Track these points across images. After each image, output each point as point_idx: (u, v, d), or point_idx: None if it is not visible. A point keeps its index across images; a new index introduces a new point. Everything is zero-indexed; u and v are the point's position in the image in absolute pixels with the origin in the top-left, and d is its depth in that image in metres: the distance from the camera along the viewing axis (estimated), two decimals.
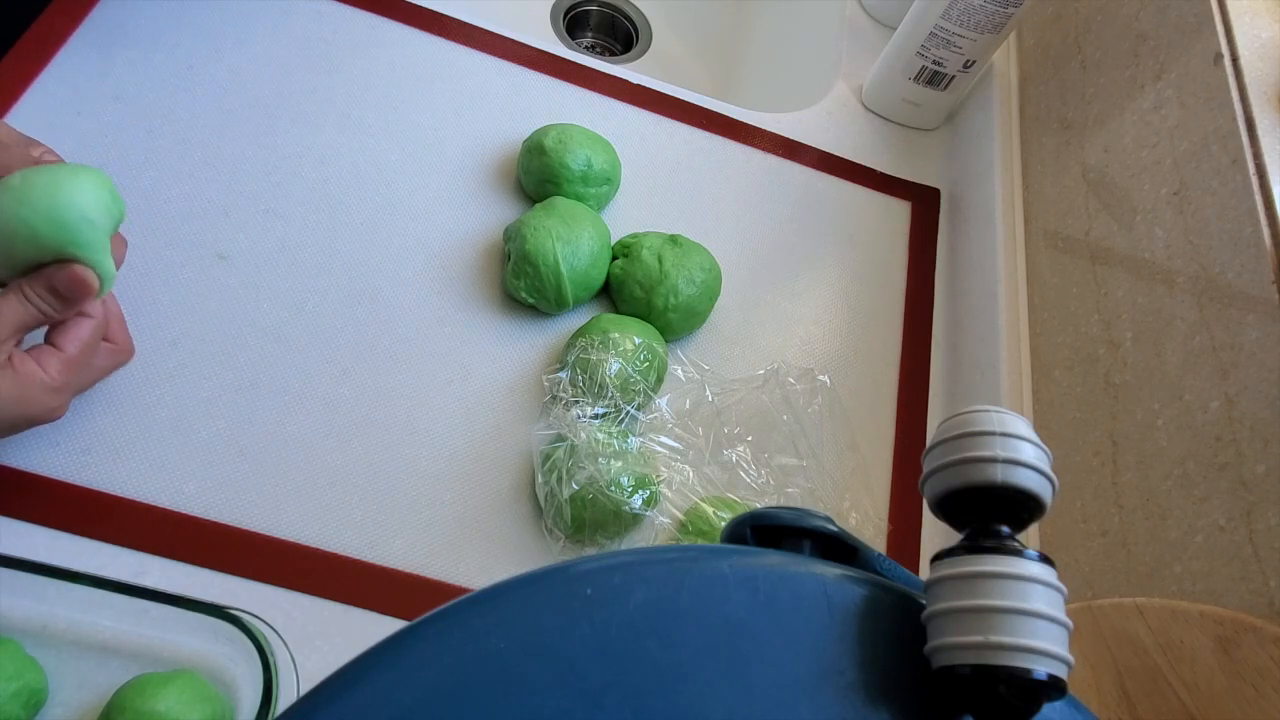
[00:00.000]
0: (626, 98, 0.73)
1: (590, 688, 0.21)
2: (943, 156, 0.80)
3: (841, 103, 0.80)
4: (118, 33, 0.62)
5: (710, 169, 0.72)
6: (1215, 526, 0.44)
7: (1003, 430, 0.24)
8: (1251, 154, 0.49)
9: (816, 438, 0.59)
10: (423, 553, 0.52)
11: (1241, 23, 0.54)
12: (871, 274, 0.72)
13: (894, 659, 0.23)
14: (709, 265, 0.62)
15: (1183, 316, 0.51)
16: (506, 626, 0.22)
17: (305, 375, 0.55)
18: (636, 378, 0.55)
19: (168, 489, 0.50)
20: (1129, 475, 0.51)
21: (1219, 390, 0.46)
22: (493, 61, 0.71)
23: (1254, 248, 0.47)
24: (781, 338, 0.66)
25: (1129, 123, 0.61)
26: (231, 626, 0.43)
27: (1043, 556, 0.22)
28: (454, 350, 0.59)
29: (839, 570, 0.26)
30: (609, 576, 0.24)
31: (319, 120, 0.64)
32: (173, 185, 0.58)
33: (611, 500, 0.51)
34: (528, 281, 0.58)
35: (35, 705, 0.42)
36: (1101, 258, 0.59)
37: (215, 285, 0.56)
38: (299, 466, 0.52)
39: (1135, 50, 0.62)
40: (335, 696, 0.22)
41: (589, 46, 1.04)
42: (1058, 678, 0.21)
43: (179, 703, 0.41)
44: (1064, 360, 0.60)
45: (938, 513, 0.25)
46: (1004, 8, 0.67)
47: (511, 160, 0.66)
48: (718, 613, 0.23)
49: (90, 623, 0.44)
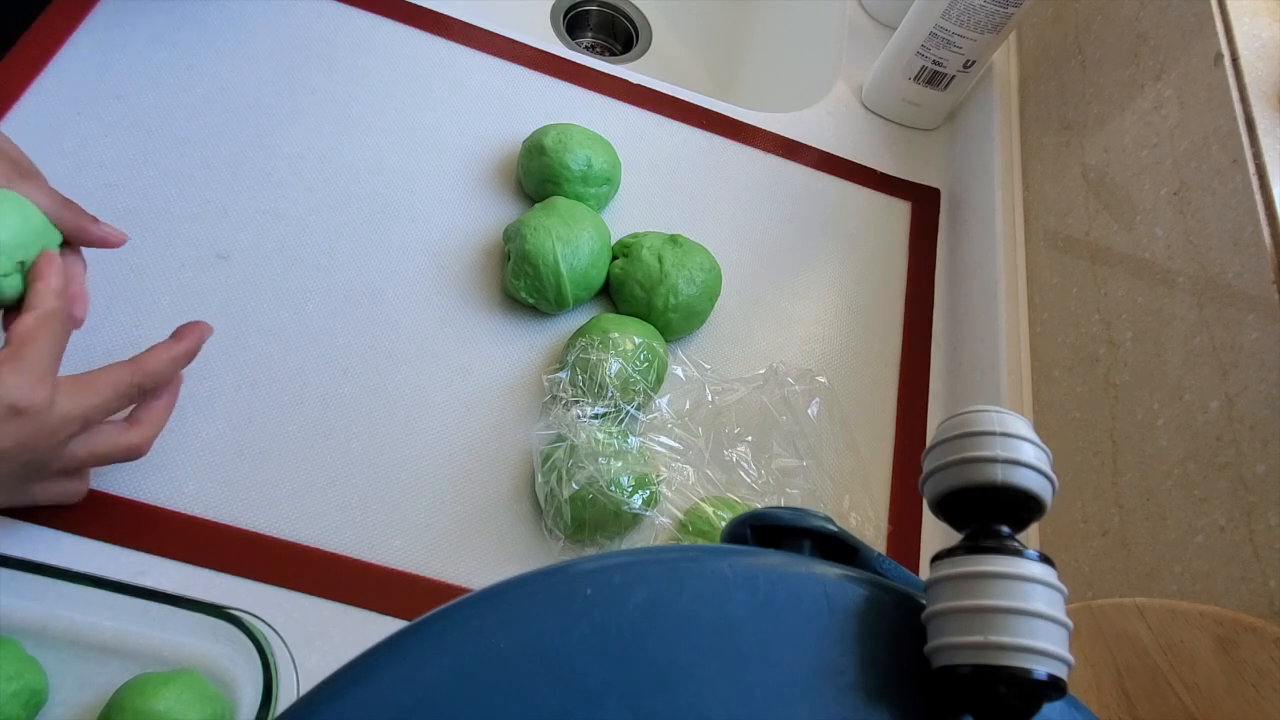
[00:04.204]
0: (626, 98, 0.73)
1: (590, 688, 0.21)
2: (943, 156, 0.80)
3: (841, 103, 0.80)
4: (118, 33, 0.62)
5: (710, 169, 0.72)
6: (1215, 526, 0.44)
7: (1003, 430, 0.24)
8: (1251, 154, 0.49)
9: (816, 438, 0.59)
10: (423, 553, 0.52)
11: (1241, 23, 0.54)
12: (871, 274, 0.72)
13: (894, 659, 0.23)
14: (709, 265, 0.62)
15: (1183, 316, 0.51)
16: (506, 626, 0.22)
17: (305, 375, 0.55)
18: (636, 378, 0.55)
19: (168, 489, 0.50)
20: (1129, 475, 0.51)
21: (1219, 390, 0.46)
22: (493, 61, 0.71)
23: (1254, 248, 0.47)
24: (781, 338, 0.66)
25: (1129, 123, 0.61)
26: (231, 626, 0.43)
27: (1043, 556, 0.22)
28: (454, 350, 0.59)
29: (839, 570, 0.26)
30: (609, 576, 0.24)
31: (319, 120, 0.64)
32: (173, 185, 0.58)
33: (611, 500, 0.51)
34: (528, 281, 0.58)
35: (35, 705, 0.42)
36: (1101, 258, 0.59)
37: (215, 285, 0.56)
38: (299, 466, 0.52)
39: (1135, 50, 0.62)
40: (335, 696, 0.22)
41: (589, 46, 1.04)
42: (1058, 678, 0.21)
43: (179, 703, 0.41)
44: (1064, 360, 0.60)
45: (938, 513, 0.25)
46: (1004, 8, 0.67)
47: (511, 160, 0.66)
48: (718, 613, 0.23)
49: (90, 623, 0.44)
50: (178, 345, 0.46)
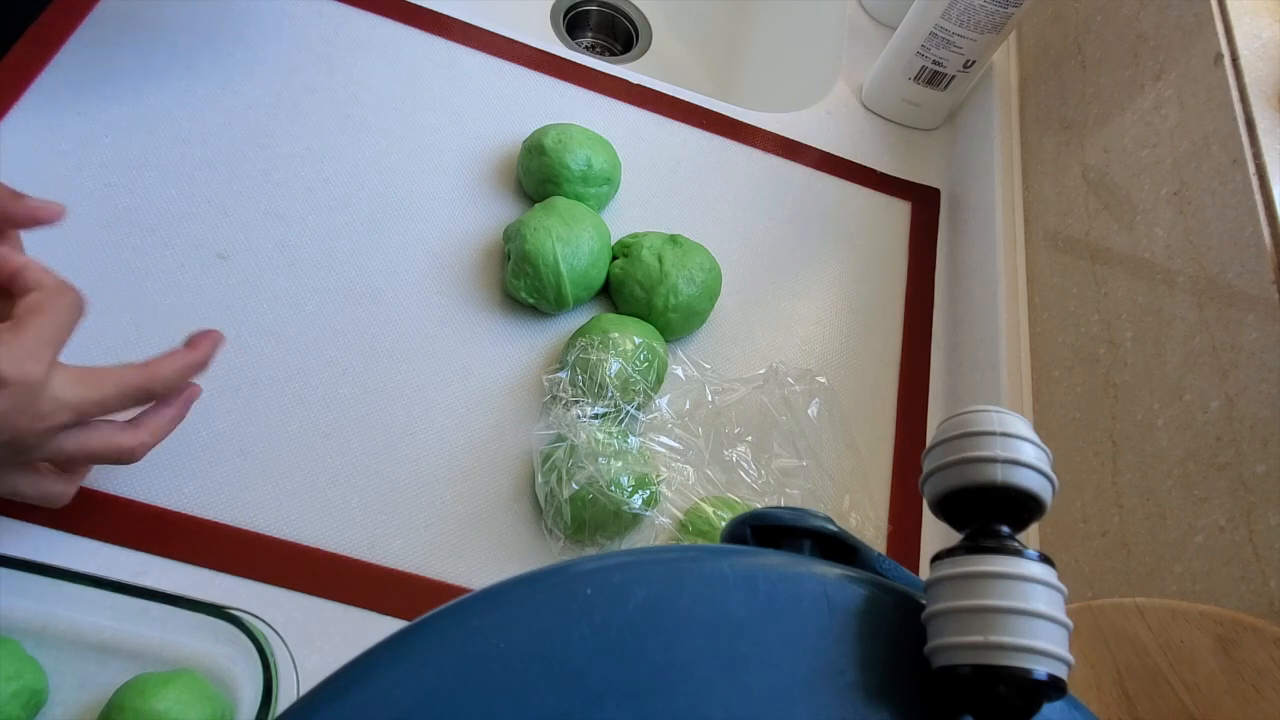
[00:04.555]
0: (626, 98, 0.73)
1: (590, 688, 0.21)
2: (943, 156, 0.80)
3: (841, 103, 0.80)
4: (118, 33, 0.62)
5: (710, 169, 0.72)
6: (1215, 526, 0.44)
7: (1003, 430, 0.24)
8: (1251, 154, 0.49)
9: (816, 438, 0.59)
10: (423, 553, 0.52)
11: (1241, 23, 0.54)
12: (871, 274, 0.72)
13: (894, 659, 0.23)
14: (709, 265, 0.62)
15: (1183, 316, 0.51)
16: (506, 626, 0.22)
17: (305, 375, 0.55)
18: (636, 378, 0.55)
19: (168, 489, 0.50)
20: (1129, 475, 0.51)
21: (1219, 390, 0.46)
22: (493, 61, 0.71)
23: (1254, 248, 0.47)
24: (781, 337, 0.66)
25: (1129, 123, 0.61)
26: (231, 626, 0.43)
27: (1043, 556, 0.22)
28: (454, 350, 0.59)
29: (839, 570, 0.26)
30: (609, 576, 0.24)
31: (319, 120, 0.64)
32: (173, 185, 0.58)
33: (611, 500, 0.51)
34: (528, 281, 0.58)
35: (35, 705, 0.42)
36: (1101, 258, 0.59)
37: (215, 285, 0.56)
38: (299, 466, 0.52)
39: (1135, 50, 0.62)
40: (335, 696, 0.22)
41: (589, 46, 1.04)
42: (1058, 678, 0.21)
43: (179, 703, 0.41)
44: (1064, 360, 0.60)
45: (938, 513, 0.25)
46: (1004, 8, 0.67)
47: (511, 160, 0.66)
48: (718, 613, 0.23)
49: (90, 623, 0.44)
50: (191, 354, 0.45)
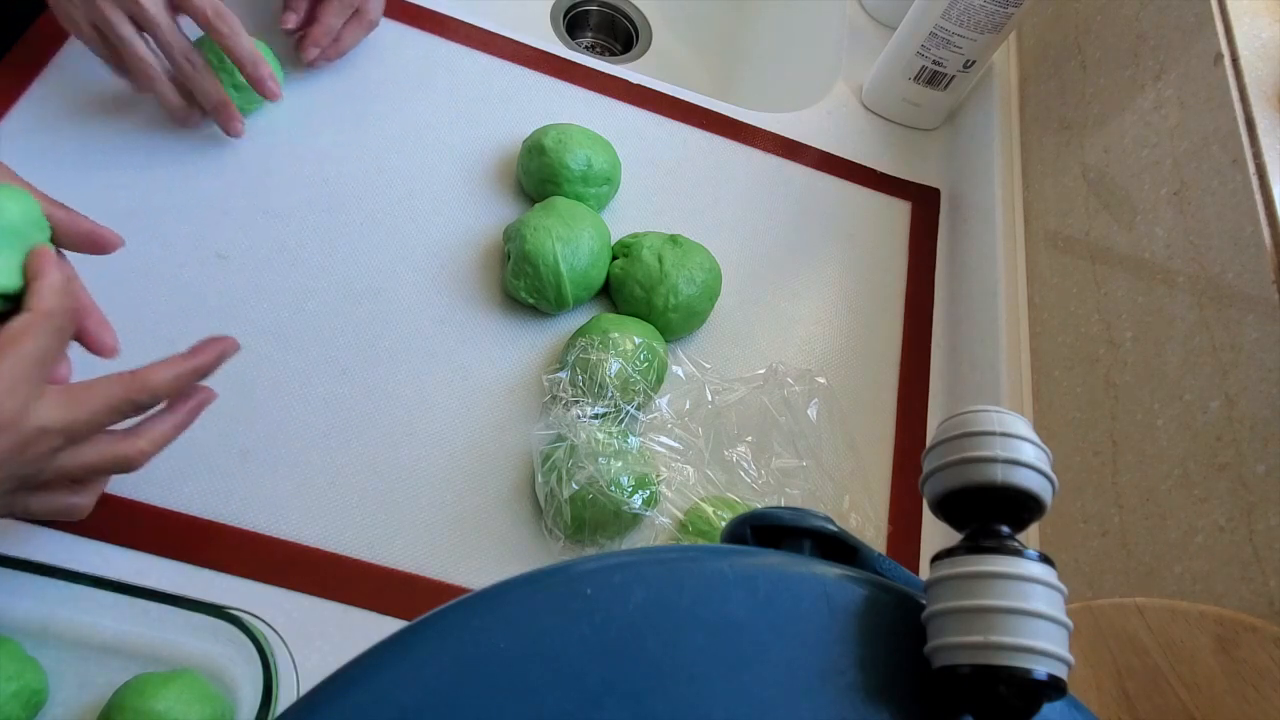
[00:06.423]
0: (626, 98, 0.73)
1: (590, 688, 0.21)
2: (943, 156, 0.80)
3: (841, 103, 0.80)
4: None
5: (710, 169, 0.72)
6: (1215, 526, 0.44)
7: (1003, 430, 0.24)
8: (1251, 154, 0.49)
9: (816, 438, 0.59)
10: (423, 553, 0.52)
11: (1241, 23, 0.54)
12: (871, 274, 0.72)
13: (894, 659, 0.23)
14: (709, 265, 0.62)
15: (1183, 316, 0.51)
16: (506, 626, 0.22)
17: (305, 375, 0.55)
18: (636, 378, 0.55)
19: (167, 489, 0.50)
20: (1129, 475, 0.51)
21: (1219, 390, 0.46)
22: (493, 61, 0.71)
23: (1254, 248, 0.47)
24: (781, 337, 0.66)
25: (1129, 123, 0.61)
26: (231, 626, 0.43)
27: (1043, 556, 0.22)
28: (454, 350, 0.59)
29: (839, 570, 0.26)
30: (609, 576, 0.24)
31: (319, 120, 0.64)
32: (172, 185, 0.58)
33: (611, 500, 0.51)
34: (528, 281, 0.58)
35: (35, 705, 0.42)
36: (1101, 258, 0.59)
37: (215, 285, 0.56)
38: (299, 466, 0.52)
39: (1135, 50, 0.62)
40: (335, 696, 0.22)
41: (589, 46, 1.04)
42: (1058, 678, 0.21)
43: (179, 703, 0.41)
44: (1064, 360, 0.60)
45: (938, 513, 0.25)
46: (1004, 8, 0.67)
47: (511, 160, 0.66)
48: (718, 613, 0.23)
49: (90, 623, 0.44)
50: (189, 361, 0.42)
